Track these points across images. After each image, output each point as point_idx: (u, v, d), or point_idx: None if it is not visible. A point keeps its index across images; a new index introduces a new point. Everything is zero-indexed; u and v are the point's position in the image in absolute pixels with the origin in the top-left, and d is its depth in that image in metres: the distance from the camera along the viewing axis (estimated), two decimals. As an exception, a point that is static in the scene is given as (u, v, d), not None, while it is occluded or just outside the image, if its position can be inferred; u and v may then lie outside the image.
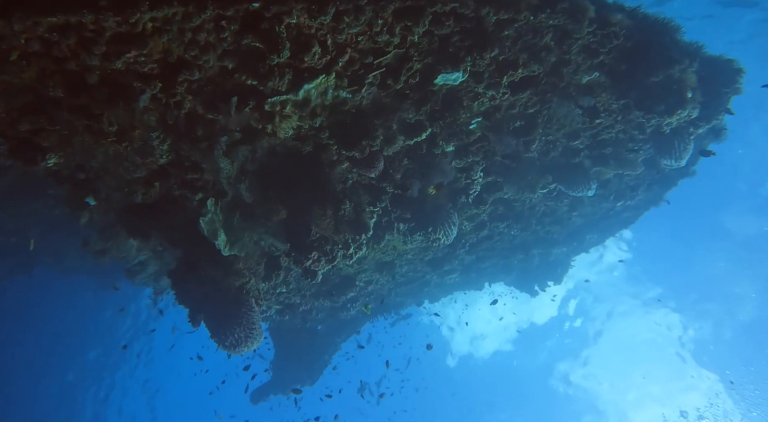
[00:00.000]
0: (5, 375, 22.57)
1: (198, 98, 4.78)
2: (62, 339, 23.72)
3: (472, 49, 4.86)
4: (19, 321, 22.04)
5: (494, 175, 7.47)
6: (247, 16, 4.11)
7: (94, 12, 3.72)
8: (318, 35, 4.44)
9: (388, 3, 4.19)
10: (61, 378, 25.10)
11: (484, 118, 6.07)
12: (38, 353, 23.45)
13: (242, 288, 6.43)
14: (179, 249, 6.56)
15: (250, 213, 6.20)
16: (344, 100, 5.25)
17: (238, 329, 6.24)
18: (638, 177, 8.88)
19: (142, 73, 4.41)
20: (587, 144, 7.21)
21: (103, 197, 5.73)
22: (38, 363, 23.67)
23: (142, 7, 3.79)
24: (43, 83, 4.29)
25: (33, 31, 3.78)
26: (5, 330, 21.77)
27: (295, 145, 5.74)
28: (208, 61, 4.44)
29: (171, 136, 5.09)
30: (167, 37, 4.13)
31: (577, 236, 11.47)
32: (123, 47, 4.07)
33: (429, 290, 13.64)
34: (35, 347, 23.26)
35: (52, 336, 23.38)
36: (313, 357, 15.24)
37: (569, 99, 6.02)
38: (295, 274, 9.32)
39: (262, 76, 4.56)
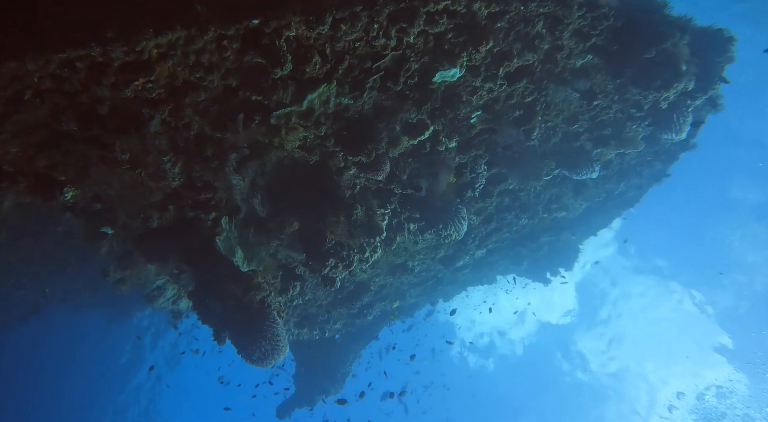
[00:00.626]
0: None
1: (205, 118, 4.89)
2: (79, 376, 23.75)
3: (467, 44, 4.97)
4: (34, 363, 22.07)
5: (498, 166, 7.57)
6: (247, 33, 4.23)
7: (102, 44, 3.84)
8: (317, 45, 4.56)
9: (383, 7, 4.30)
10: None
11: (484, 111, 6.17)
12: (56, 395, 23.45)
13: (263, 301, 6.51)
14: (197, 270, 6.66)
15: (263, 228, 6.29)
16: (347, 107, 5.35)
17: (264, 342, 6.33)
18: (639, 155, 8.97)
19: (150, 99, 4.52)
20: (587, 127, 7.31)
21: (120, 225, 5.83)
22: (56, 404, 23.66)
23: (147, 34, 3.90)
24: (57, 118, 4.40)
25: (45, 69, 3.90)
26: (20, 374, 21.78)
27: (301, 155, 5.85)
28: (212, 81, 4.55)
29: (182, 158, 5.20)
30: (172, 61, 4.25)
31: (583, 220, 11.54)
32: (131, 75, 4.18)
33: (442, 288, 13.71)
34: (53, 389, 23.26)
35: (70, 375, 23.40)
36: (335, 367, 15.29)
37: (565, 84, 6.13)
38: (311, 284, 9.39)
39: (266, 90, 4.67)
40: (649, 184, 10.73)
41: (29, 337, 18.95)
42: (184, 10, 4.01)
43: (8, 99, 4.12)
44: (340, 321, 12.87)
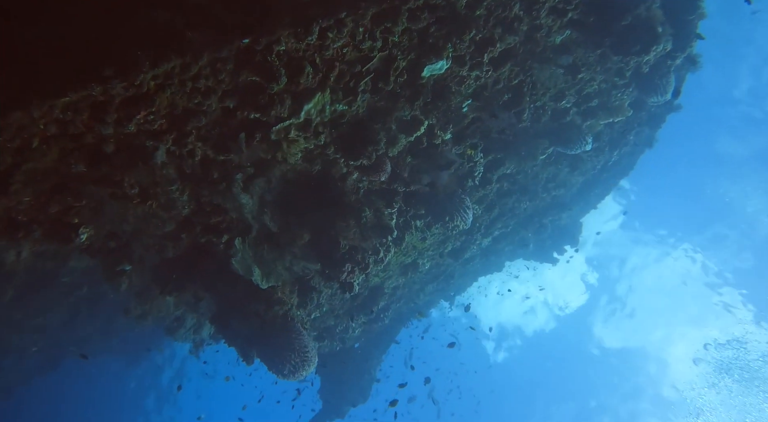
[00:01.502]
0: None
1: (208, 143, 4.99)
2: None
3: (450, 35, 5.10)
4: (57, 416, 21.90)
5: (494, 152, 7.70)
6: (239, 53, 4.33)
7: (102, 83, 3.93)
8: (307, 56, 4.67)
9: (366, 10, 4.42)
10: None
11: (474, 99, 6.31)
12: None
13: (286, 315, 6.59)
14: (217, 294, 6.73)
15: (276, 243, 6.38)
16: (342, 113, 5.47)
17: (293, 355, 6.40)
18: (628, 122, 9.14)
19: (153, 131, 4.61)
20: (574, 101, 7.46)
21: (137, 260, 5.91)
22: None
23: (144, 67, 4.00)
24: (65, 162, 4.48)
25: (49, 114, 3.98)
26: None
27: (304, 167, 5.95)
28: (210, 105, 4.65)
29: (189, 185, 5.29)
30: (170, 90, 4.34)
31: (582, 194, 11.71)
32: (132, 110, 4.28)
33: (454, 282, 13.80)
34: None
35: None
36: (359, 375, 15.32)
37: (548, 62, 6.27)
38: (327, 295, 9.46)
39: (263, 106, 4.77)
40: (641, 151, 10.92)
41: (50, 390, 18.85)
42: (176, 39, 4.12)
43: (16, 149, 4.20)
44: (358, 328, 12.93)
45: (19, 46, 4.05)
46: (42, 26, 4.14)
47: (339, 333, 12.74)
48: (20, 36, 4.09)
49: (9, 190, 4.46)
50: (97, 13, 4.35)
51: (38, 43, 4.10)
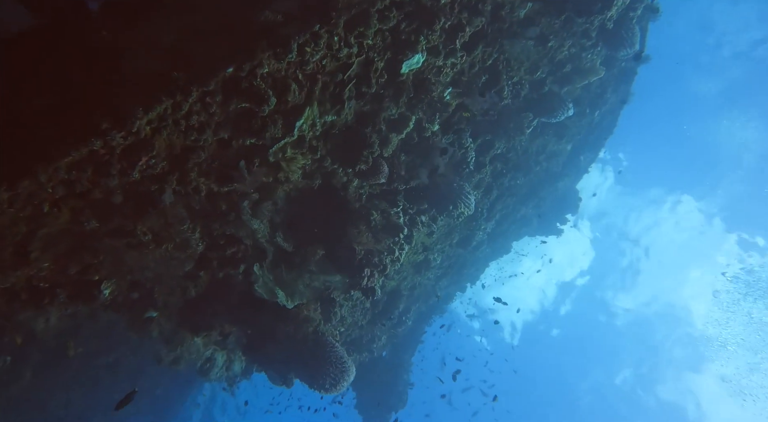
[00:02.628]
0: None
1: (210, 177, 5.08)
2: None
3: (421, 28, 5.24)
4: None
5: (482, 135, 7.84)
6: (226, 82, 4.44)
7: (101, 136, 4.03)
8: (290, 74, 4.79)
9: (338, 18, 4.55)
10: None
11: (454, 86, 6.44)
12: None
13: (317, 331, 6.66)
14: (244, 324, 6.78)
15: (292, 263, 6.46)
16: (332, 123, 5.58)
17: (331, 368, 6.46)
18: (603, 81, 9.32)
19: (156, 175, 4.70)
20: (548, 70, 7.62)
21: (161, 305, 5.96)
22: None
23: (138, 113, 4.10)
24: (77, 221, 4.55)
25: (55, 177, 4.07)
26: None
27: (305, 184, 6.05)
28: (206, 139, 4.75)
29: (200, 221, 5.37)
30: (166, 132, 4.44)
31: (573, 161, 11.87)
32: (134, 157, 4.37)
33: (467, 272, 13.90)
34: None
35: None
36: (393, 381, 15.32)
37: (517, 37, 6.43)
38: (348, 308, 9.52)
39: (258, 130, 4.87)
40: (620, 107, 11.10)
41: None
42: (162, 81, 4.23)
43: (29, 217, 4.27)
44: (383, 336, 12.97)
45: (15, 116, 4.15)
46: (33, 93, 4.25)
47: (366, 344, 12.76)
48: (14, 106, 4.19)
49: (28, 259, 4.53)
50: (82, 73, 4.47)
51: (32, 110, 4.20)
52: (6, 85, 4.44)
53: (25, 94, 4.33)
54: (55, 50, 4.79)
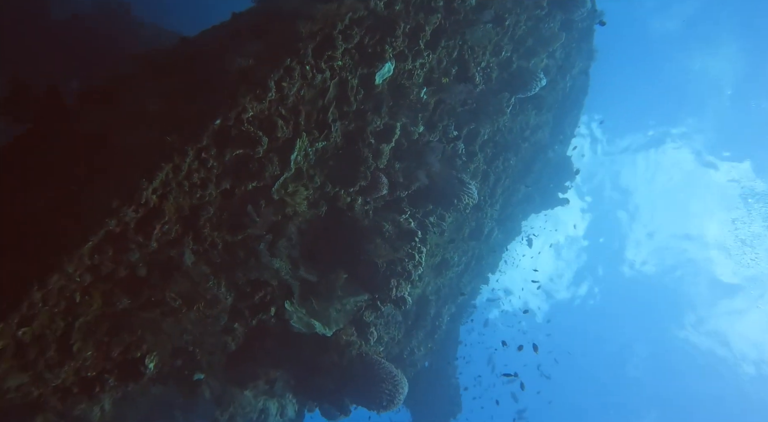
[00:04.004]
0: None
1: (223, 229, 5.18)
2: None
3: (384, 38, 5.41)
4: None
5: (466, 125, 7.98)
6: (216, 135, 4.57)
7: (114, 214, 4.13)
8: (273, 112, 4.93)
9: (305, 48, 4.71)
10: None
11: (428, 84, 6.60)
12: None
13: (360, 353, 6.70)
14: (288, 365, 6.82)
15: (319, 292, 6.53)
16: (324, 149, 5.71)
17: (384, 385, 6.50)
18: (565, 47, 9.53)
19: (172, 240, 4.80)
20: (512, 48, 7.81)
21: (206, 366, 6.00)
22: None
23: (143, 184, 4.22)
24: (110, 303, 4.63)
25: (81, 264, 4.16)
26: None
27: (313, 213, 6.15)
28: (211, 193, 4.86)
29: (223, 273, 5.45)
30: (172, 196, 4.55)
31: (557, 129, 12.04)
32: (148, 228, 4.47)
33: (486, 262, 13.96)
34: None
35: None
36: (444, 389, 15.25)
37: (475, 23, 6.61)
38: (382, 325, 9.56)
39: (257, 172, 4.99)
40: (588, 66, 11.31)
41: None
42: (158, 148, 4.35)
43: (64, 311, 4.35)
44: (421, 346, 12.95)
45: (26, 218, 4.26)
46: (38, 192, 4.37)
47: (407, 358, 12.73)
48: (22, 209, 4.30)
49: (72, 352, 4.59)
50: (80, 161, 4.60)
51: (41, 208, 4.32)
52: (9, 191, 4.57)
53: (30, 195, 4.45)
54: (48, 148, 4.94)
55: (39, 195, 4.45)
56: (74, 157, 4.71)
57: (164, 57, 5.67)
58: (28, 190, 4.56)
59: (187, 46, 5.80)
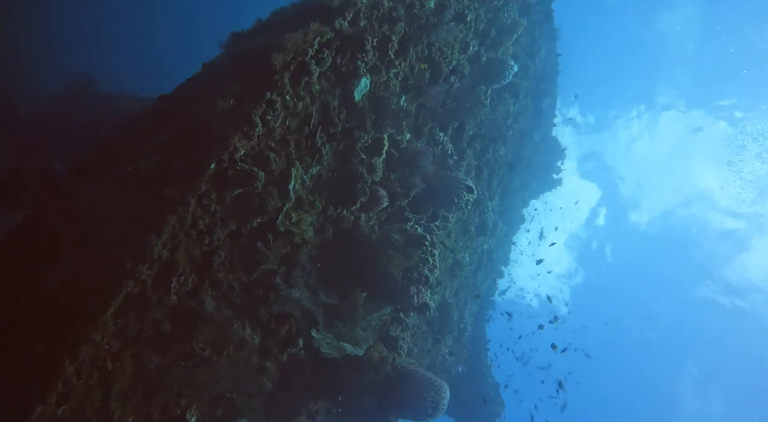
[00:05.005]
0: None
1: (237, 271, 5.21)
2: None
3: (355, 54, 5.52)
4: None
5: (450, 124, 8.08)
6: (213, 179, 4.63)
7: (130, 276, 4.17)
8: (263, 147, 5.00)
9: (282, 77, 4.80)
10: None
11: (405, 92, 6.71)
12: None
13: (395, 366, 6.68)
14: (326, 391, 6.78)
15: (342, 315, 6.54)
16: (319, 173, 5.78)
17: (425, 392, 6.47)
18: (528, 31, 9.71)
19: (190, 290, 4.82)
20: (478, 43, 7.95)
21: (246, 410, 5.97)
22: None
23: (152, 240, 4.26)
24: (142, 365, 4.64)
25: (106, 331, 4.18)
26: None
27: (321, 238, 6.20)
28: (219, 237, 4.90)
29: (245, 314, 5.47)
30: (182, 247, 4.59)
31: (538, 112, 12.17)
32: (165, 282, 4.50)
33: (497, 256, 13.97)
34: None
35: None
36: (483, 391, 15.10)
37: (438, 25, 6.74)
38: (409, 337, 9.53)
39: (260, 209, 5.04)
40: (554, 45, 11.49)
41: None
42: (158, 203, 4.41)
43: (99, 381, 4.35)
44: (451, 351, 12.88)
45: (43, 297, 4.29)
46: (50, 270, 4.40)
47: (440, 366, 12.65)
48: (37, 289, 4.34)
49: (114, 420, 4.58)
50: (85, 233, 4.65)
51: (55, 285, 4.35)
52: (23, 275, 4.60)
53: (45, 276, 4.48)
54: (52, 227, 5.00)
55: (53, 273, 4.48)
56: (79, 230, 4.76)
57: (146, 117, 5.78)
58: (41, 272, 4.60)
59: (167, 102, 5.90)
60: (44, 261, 4.69)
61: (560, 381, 16.41)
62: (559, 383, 16.50)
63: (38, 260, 4.73)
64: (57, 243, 4.79)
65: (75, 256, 4.54)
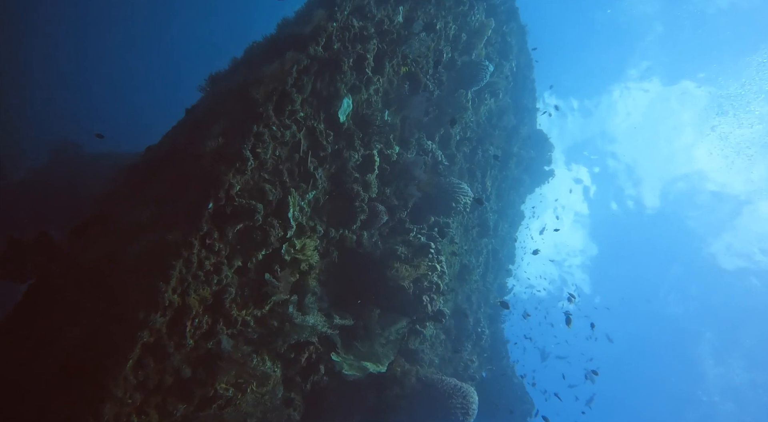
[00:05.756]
0: None
1: (249, 306, 5.21)
2: None
3: (334, 76, 5.60)
4: None
5: (436, 132, 8.16)
6: (214, 216, 4.65)
7: (144, 325, 4.17)
8: (258, 179, 5.04)
9: (266, 110, 4.86)
10: None
11: (387, 106, 6.79)
12: None
13: (420, 378, 6.65)
14: (356, 416, 6.73)
15: (359, 334, 6.52)
16: (315, 198, 5.81)
17: (453, 400, 6.44)
18: (497, 31, 9.85)
19: (206, 332, 4.81)
20: (450, 49, 8.07)
21: (278, 444, 5.92)
22: None
23: (162, 287, 4.27)
24: (167, 414, 4.60)
25: (127, 385, 4.16)
26: None
27: (327, 261, 6.21)
28: (227, 275, 4.91)
29: (263, 348, 5.45)
30: (192, 290, 4.59)
31: (520, 107, 12.30)
32: (180, 327, 4.50)
33: (502, 255, 13.98)
34: None
35: None
36: (511, 393, 14.97)
37: (409, 38, 6.85)
38: (428, 348, 9.49)
39: (263, 240, 5.06)
40: (524, 41, 11.65)
41: None
42: (163, 250, 4.43)
43: (127, 435, 4.32)
44: (472, 357, 12.80)
45: (65, 358, 4.27)
46: (64, 331, 4.40)
47: (463, 373, 12.56)
48: (53, 350, 4.32)
49: (146, 475, 4.53)
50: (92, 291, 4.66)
51: (70, 344, 4.34)
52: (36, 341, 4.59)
53: (58, 340, 4.47)
54: (57, 288, 4.99)
55: (68, 334, 4.48)
56: (87, 288, 4.76)
57: (137, 169, 5.82)
58: (56, 334, 4.59)
59: (155, 151, 5.95)
60: (57, 323, 4.68)
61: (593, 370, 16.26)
62: (592, 372, 16.35)
63: (51, 324, 4.72)
64: (67, 305, 4.78)
65: (87, 314, 4.53)
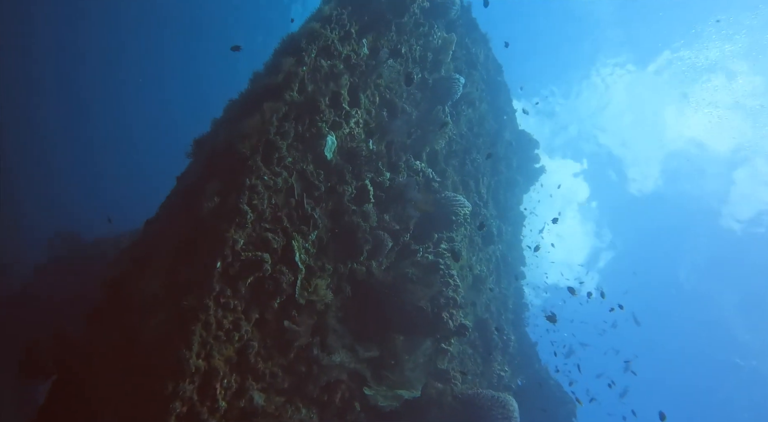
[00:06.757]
0: None
1: (273, 356, 5.22)
2: None
3: (314, 117, 5.73)
4: None
5: (422, 152, 8.28)
6: (223, 274, 4.70)
7: (175, 398, 4.17)
8: (259, 230, 5.11)
9: (255, 162, 4.97)
10: None
11: (370, 136, 6.91)
12: None
13: (455, 395, 6.60)
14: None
15: (387, 363, 6.49)
16: (318, 237, 5.88)
17: (494, 412, 6.38)
18: (461, 44, 10.10)
19: (236, 390, 4.81)
20: (419, 69, 8.26)
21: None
22: None
23: (185, 354, 4.29)
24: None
25: None
26: None
27: (341, 297, 6.23)
28: (247, 331, 4.93)
29: (294, 395, 5.43)
30: (216, 351, 4.61)
31: (498, 111, 12.49)
32: (210, 391, 4.50)
33: (510, 259, 13.97)
34: None
35: None
36: (549, 396, 14.77)
37: (378, 66, 7.03)
38: (458, 363, 9.41)
39: (275, 288, 5.09)
40: (488, 48, 11.92)
41: None
42: (180, 316, 4.46)
43: None
44: (504, 366, 12.67)
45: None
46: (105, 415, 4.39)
47: (497, 384, 12.42)
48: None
49: None
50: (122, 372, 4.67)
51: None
52: None
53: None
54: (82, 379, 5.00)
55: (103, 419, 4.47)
56: (112, 371, 4.77)
57: (139, 246, 5.89)
58: (87, 421, 4.58)
59: (154, 224, 6.03)
60: (88, 415, 4.68)
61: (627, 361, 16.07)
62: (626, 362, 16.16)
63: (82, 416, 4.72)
64: (97, 393, 4.78)
65: (118, 398, 4.53)
